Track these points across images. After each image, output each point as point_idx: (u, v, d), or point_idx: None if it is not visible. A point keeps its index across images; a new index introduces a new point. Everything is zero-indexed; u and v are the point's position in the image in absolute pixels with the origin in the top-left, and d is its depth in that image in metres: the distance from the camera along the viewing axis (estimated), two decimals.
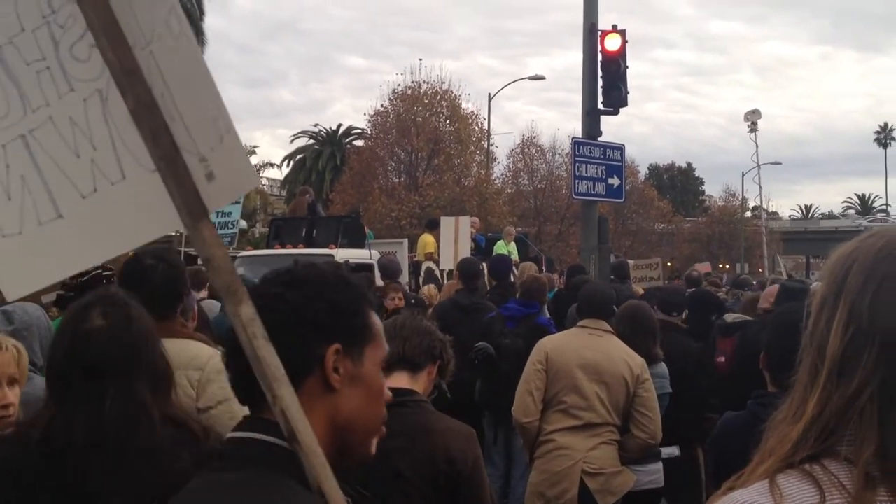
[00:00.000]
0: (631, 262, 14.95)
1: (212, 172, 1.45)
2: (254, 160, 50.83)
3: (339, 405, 1.51)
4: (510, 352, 6.33)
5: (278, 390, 1.40)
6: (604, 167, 12.88)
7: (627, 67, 12.66)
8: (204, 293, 7.64)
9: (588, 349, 5.20)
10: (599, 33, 12.74)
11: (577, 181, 12.74)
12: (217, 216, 12.77)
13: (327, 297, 1.52)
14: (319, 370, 1.50)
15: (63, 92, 1.54)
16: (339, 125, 53.52)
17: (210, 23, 28.62)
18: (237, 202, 12.92)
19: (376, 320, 1.62)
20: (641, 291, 10.93)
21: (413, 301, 8.51)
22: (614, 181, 13.02)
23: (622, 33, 12.65)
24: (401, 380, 3.09)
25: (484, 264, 9.96)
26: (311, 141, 53.55)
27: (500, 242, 15.44)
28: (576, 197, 13.75)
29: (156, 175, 1.45)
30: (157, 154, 1.42)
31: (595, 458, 5.01)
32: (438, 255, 13.88)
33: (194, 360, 3.21)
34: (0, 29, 1.53)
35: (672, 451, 5.90)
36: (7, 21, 1.53)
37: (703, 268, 26.07)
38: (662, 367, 5.77)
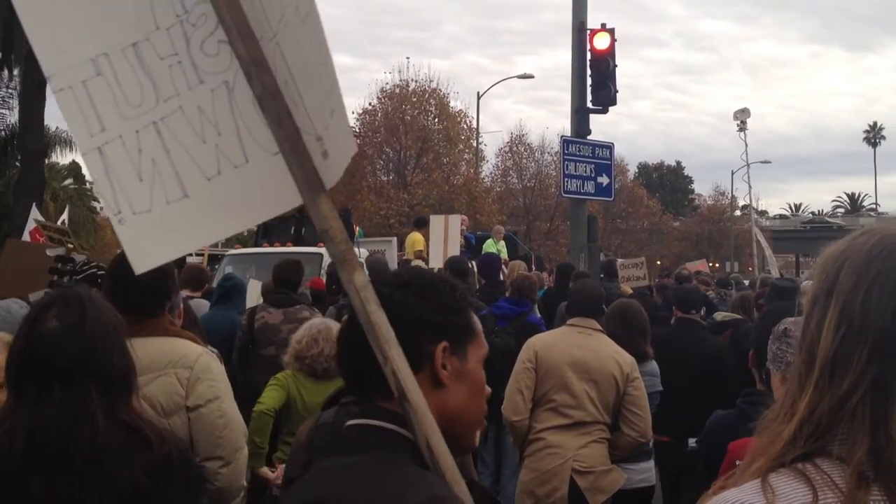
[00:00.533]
0: (618, 261, 14.98)
1: (326, 151, 1.66)
2: None
3: (447, 400, 1.59)
4: (501, 350, 6.31)
5: (389, 351, 1.49)
6: (593, 165, 12.89)
7: (616, 66, 12.68)
8: (197, 294, 7.62)
9: (578, 347, 5.19)
10: (588, 32, 12.75)
11: (566, 179, 12.74)
12: None
13: (434, 298, 1.60)
14: (429, 367, 1.58)
15: (193, 83, 1.72)
16: None
17: None
18: None
19: (477, 320, 1.69)
20: (630, 291, 10.95)
21: None
22: (603, 180, 13.03)
23: (611, 32, 12.66)
24: None
25: (473, 262, 9.95)
26: None
27: (490, 241, 15.44)
28: (565, 195, 13.75)
29: (277, 157, 1.65)
30: (281, 137, 1.60)
31: (585, 457, 5.00)
32: (428, 253, 13.86)
33: (183, 358, 3.20)
34: (137, 27, 1.73)
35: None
36: (144, 20, 1.72)
37: (699, 266, 26.05)
38: (653, 366, 5.78)
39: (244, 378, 6.02)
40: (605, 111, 12.89)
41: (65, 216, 16.28)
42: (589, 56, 12.71)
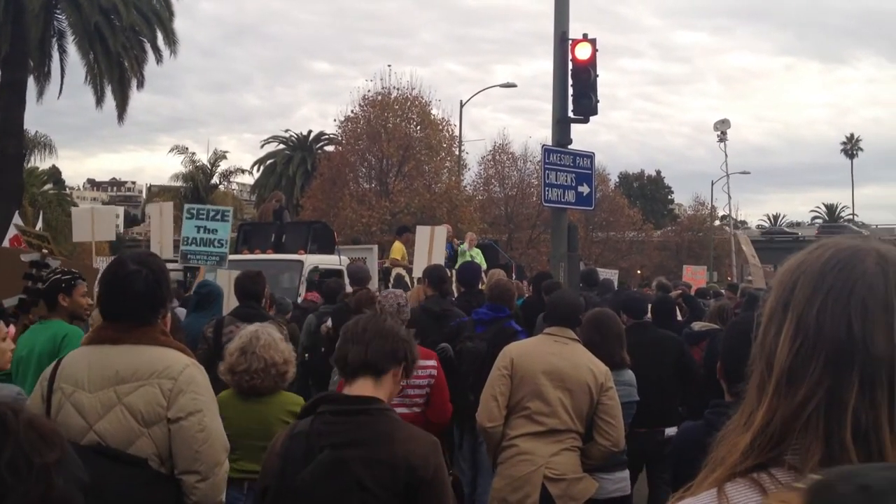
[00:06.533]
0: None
1: None
2: (224, 165, 50.54)
3: None
4: (471, 354, 6.38)
5: None
6: (573, 175, 12.92)
7: (598, 76, 12.73)
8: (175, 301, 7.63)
9: (553, 356, 5.22)
10: (570, 42, 12.79)
11: (546, 189, 12.76)
12: (199, 231, 11.72)
13: None
14: None
15: None
16: (310, 131, 53.49)
17: (175, 25, 28.42)
18: (225, 220, 11.78)
19: None
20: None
21: None
22: (584, 189, 13.05)
23: (593, 42, 12.69)
24: (365, 386, 3.08)
25: (450, 271, 9.97)
26: (282, 146, 53.39)
27: (461, 247, 15.38)
28: (545, 204, 13.78)
29: None
30: None
31: (557, 464, 5.02)
32: (409, 261, 13.89)
33: (168, 369, 3.20)
34: None
35: (675, 430, 6.31)
36: None
37: (700, 272, 26.12)
38: (629, 375, 5.82)
39: None
40: (586, 121, 12.91)
41: (40, 222, 16.19)
42: (570, 66, 12.75)
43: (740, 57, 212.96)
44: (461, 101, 38.11)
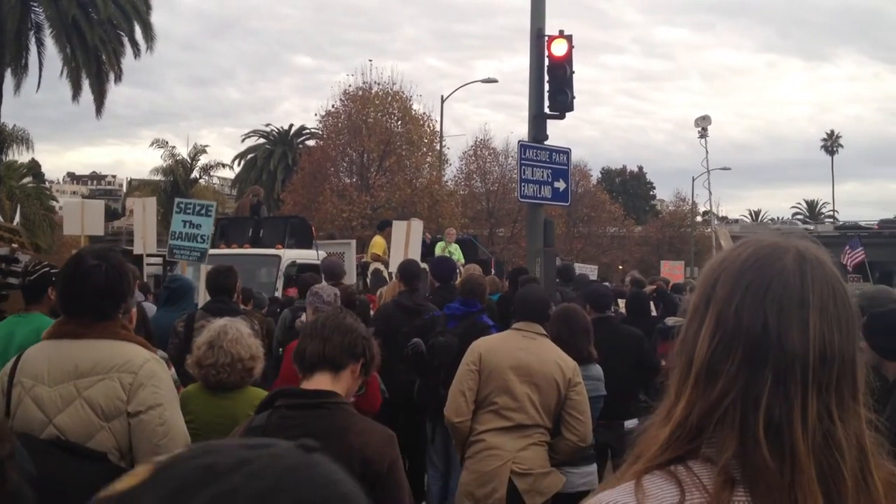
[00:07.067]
0: None
1: None
2: (204, 160, 50.26)
3: None
4: (442, 349, 6.39)
5: None
6: (550, 171, 12.93)
7: (573, 72, 12.75)
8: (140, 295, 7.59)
9: (521, 351, 5.24)
10: (546, 38, 12.82)
11: (523, 184, 12.77)
12: (184, 226, 11.55)
13: None
14: None
15: None
16: (291, 125, 53.40)
17: (154, 19, 28.33)
18: (208, 215, 11.64)
19: None
20: None
21: (357, 302, 8.49)
22: (560, 185, 13.07)
23: (569, 38, 12.72)
24: (322, 381, 3.10)
25: (425, 265, 9.98)
26: (263, 140, 53.21)
27: (441, 243, 15.41)
28: (522, 200, 13.78)
29: None
30: None
31: (524, 459, 5.04)
32: (388, 256, 13.88)
33: (128, 363, 3.20)
34: None
35: (634, 422, 6.53)
36: None
37: (678, 266, 26.28)
38: (597, 370, 5.86)
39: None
40: (562, 117, 12.92)
41: (17, 216, 16.06)
42: (546, 62, 12.77)
43: (722, 54, 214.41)
44: (442, 96, 38.12)
